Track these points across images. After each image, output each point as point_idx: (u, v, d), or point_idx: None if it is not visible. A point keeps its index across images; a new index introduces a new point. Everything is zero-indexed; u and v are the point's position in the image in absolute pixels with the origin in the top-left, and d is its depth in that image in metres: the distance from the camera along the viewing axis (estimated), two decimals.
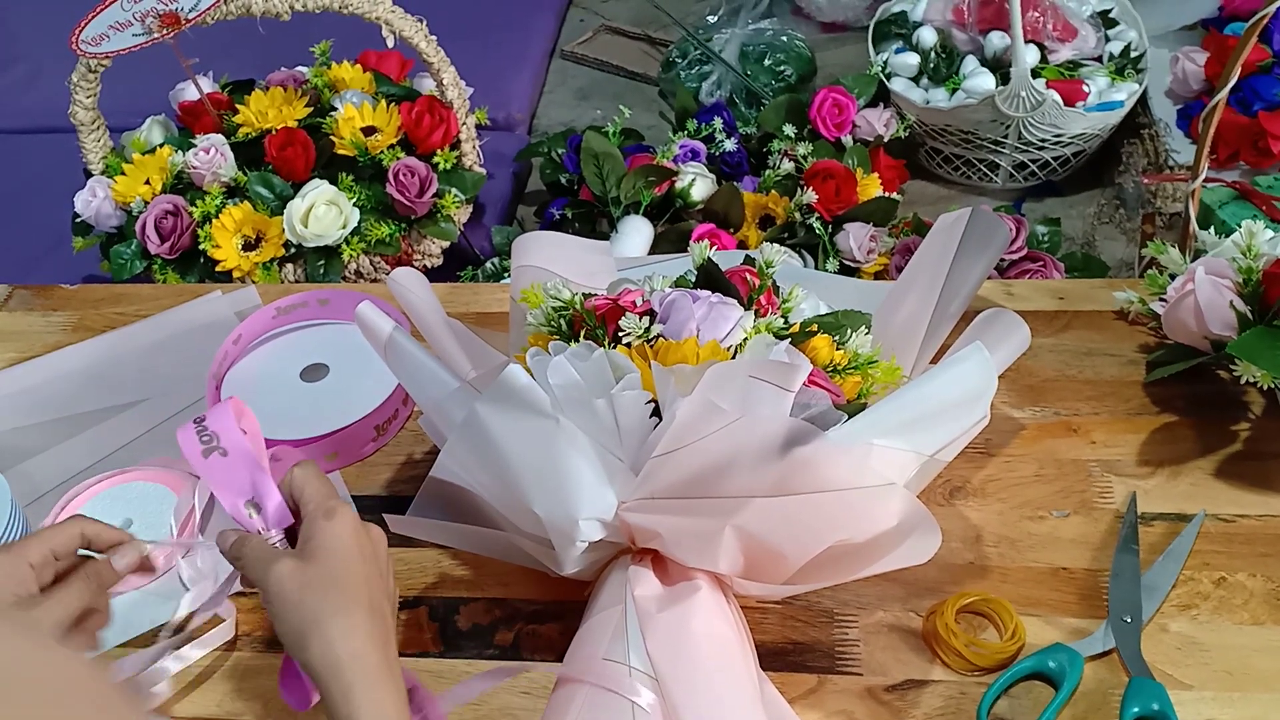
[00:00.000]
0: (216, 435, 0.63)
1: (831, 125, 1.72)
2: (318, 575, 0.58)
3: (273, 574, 0.58)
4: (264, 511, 0.62)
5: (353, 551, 0.59)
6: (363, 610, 0.57)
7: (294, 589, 0.57)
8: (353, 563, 0.59)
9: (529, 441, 0.69)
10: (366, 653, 0.56)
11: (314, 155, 1.50)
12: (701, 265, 0.77)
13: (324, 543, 0.59)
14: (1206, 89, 1.69)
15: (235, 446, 0.63)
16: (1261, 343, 0.82)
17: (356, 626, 0.57)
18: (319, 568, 0.58)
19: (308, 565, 0.58)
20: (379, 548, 0.62)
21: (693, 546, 0.69)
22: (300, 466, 0.63)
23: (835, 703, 0.73)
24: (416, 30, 1.48)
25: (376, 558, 0.61)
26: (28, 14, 2.30)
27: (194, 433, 0.63)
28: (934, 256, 0.86)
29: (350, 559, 0.59)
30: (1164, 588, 0.77)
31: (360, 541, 0.60)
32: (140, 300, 1.11)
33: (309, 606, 0.57)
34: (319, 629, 0.56)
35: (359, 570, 0.59)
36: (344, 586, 0.58)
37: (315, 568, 0.58)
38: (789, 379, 0.66)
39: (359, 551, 0.60)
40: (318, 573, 0.58)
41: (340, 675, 0.55)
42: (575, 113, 2.12)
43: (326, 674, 0.55)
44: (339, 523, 0.60)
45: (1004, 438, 0.88)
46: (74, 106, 1.49)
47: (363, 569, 0.59)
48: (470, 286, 1.11)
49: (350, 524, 0.60)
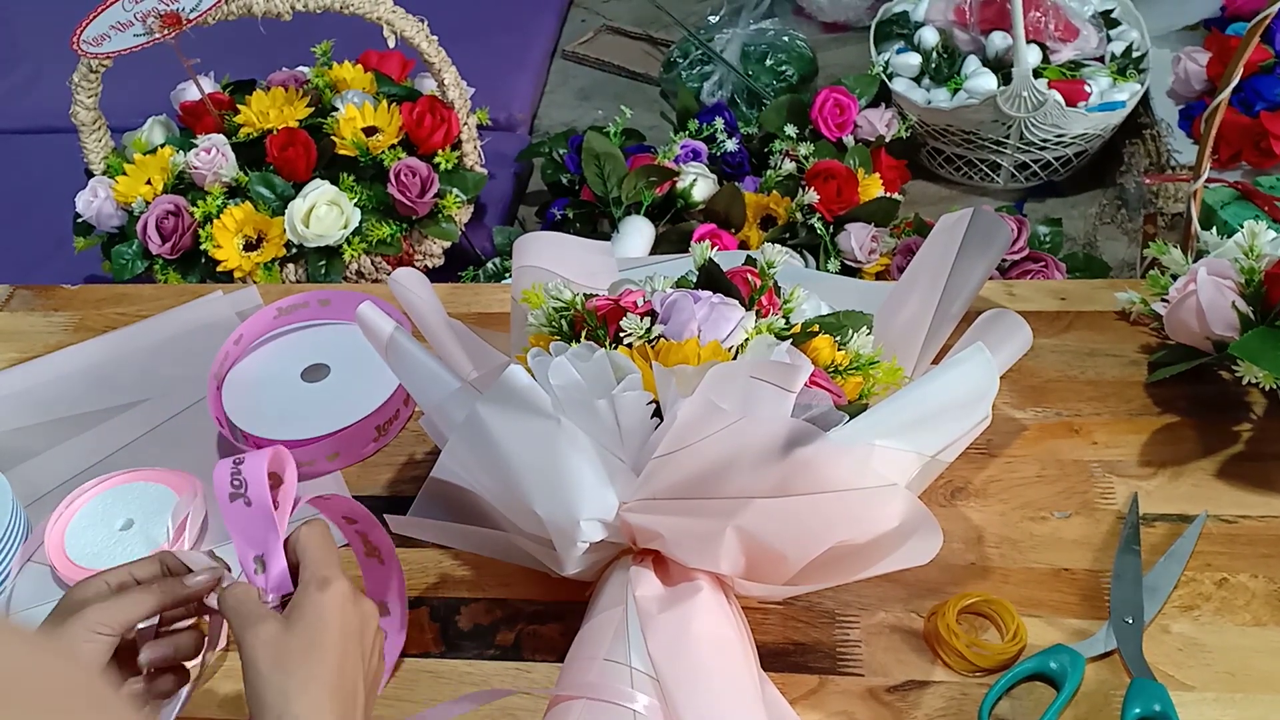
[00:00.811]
0: (246, 482, 0.63)
1: (833, 125, 1.72)
2: (295, 647, 0.57)
3: (251, 634, 0.57)
4: (268, 572, 0.62)
5: (335, 627, 0.58)
6: (328, 691, 0.56)
7: (268, 656, 0.56)
8: (332, 638, 0.58)
9: (530, 442, 0.69)
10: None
11: (315, 155, 1.50)
12: (703, 266, 0.77)
13: (308, 613, 0.58)
14: (1208, 89, 1.69)
15: (259, 500, 0.62)
16: (1263, 344, 0.82)
17: (320, 708, 0.55)
18: (298, 639, 0.57)
19: (288, 634, 0.57)
20: (367, 624, 0.61)
21: (694, 547, 0.69)
22: (309, 526, 0.62)
23: (836, 703, 0.73)
24: (418, 30, 1.48)
25: (362, 635, 0.60)
26: (29, 14, 2.30)
27: (228, 472, 0.63)
28: (936, 257, 0.86)
29: (331, 634, 0.58)
30: (1165, 589, 0.77)
31: (346, 617, 0.59)
32: (141, 300, 1.11)
33: (275, 682, 0.56)
34: (284, 705, 0.55)
35: (337, 647, 0.58)
36: (317, 662, 0.57)
37: (294, 639, 0.57)
38: (790, 380, 0.66)
39: (342, 628, 0.58)
40: (296, 644, 0.57)
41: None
42: (576, 113, 2.12)
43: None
44: (330, 595, 0.59)
45: (1005, 438, 0.88)
46: (75, 107, 1.50)
47: (342, 646, 0.58)
48: (471, 287, 1.11)
49: (340, 598, 0.59)
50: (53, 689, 0.36)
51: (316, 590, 0.59)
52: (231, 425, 0.94)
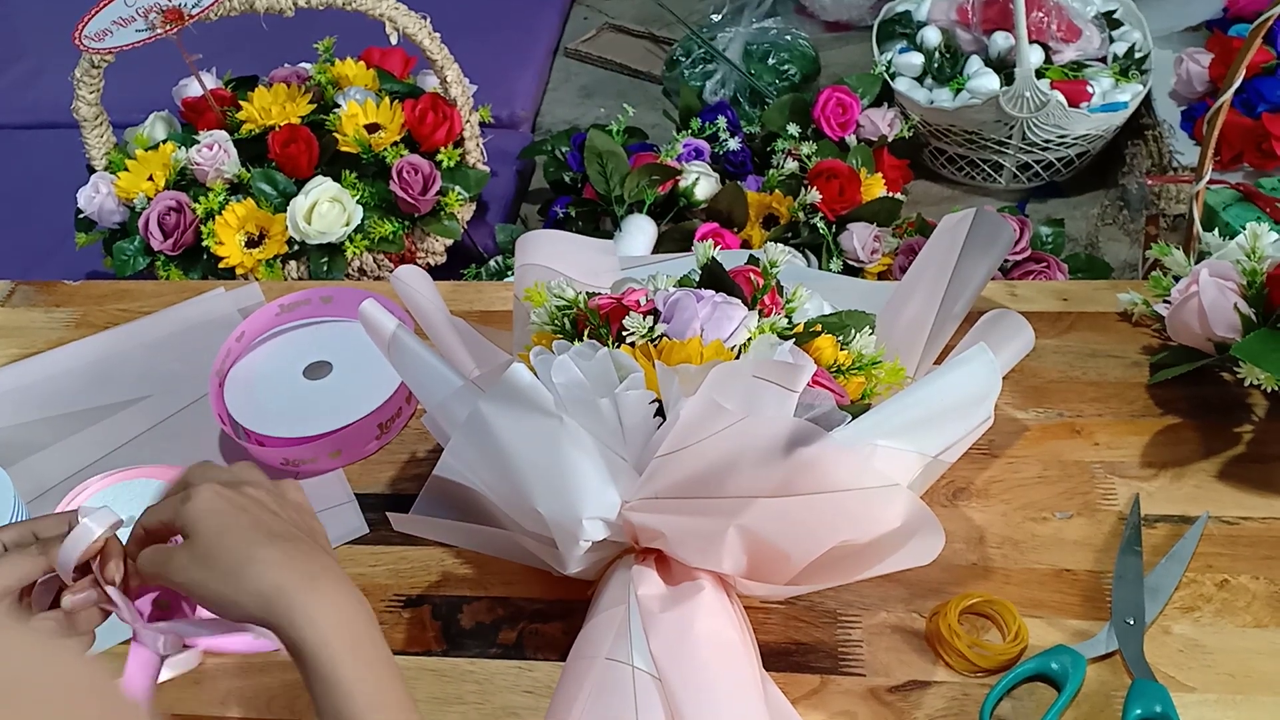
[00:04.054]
0: None
1: (835, 125, 1.71)
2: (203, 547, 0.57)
3: (170, 570, 0.58)
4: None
5: (224, 510, 0.58)
6: (264, 547, 0.56)
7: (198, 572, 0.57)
8: (228, 517, 0.58)
9: (533, 440, 0.69)
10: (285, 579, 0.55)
11: (317, 152, 1.50)
12: (706, 265, 0.77)
13: (191, 520, 0.58)
14: (1210, 91, 1.69)
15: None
16: (1265, 345, 0.82)
17: (267, 561, 0.56)
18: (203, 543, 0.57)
19: (193, 543, 0.58)
20: (248, 484, 0.61)
21: (696, 546, 0.69)
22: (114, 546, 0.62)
23: (838, 703, 0.73)
24: (420, 27, 1.48)
25: (259, 502, 0.60)
26: (31, 9, 2.30)
27: None
28: (938, 257, 0.86)
29: (224, 516, 0.58)
30: (1167, 590, 0.77)
31: (227, 499, 0.59)
32: (143, 297, 1.11)
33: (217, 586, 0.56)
34: (238, 578, 0.56)
35: (236, 522, 0.58)
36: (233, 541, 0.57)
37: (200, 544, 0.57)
38: (793, 379, 0.66)
39: (229, 506, 0.58)
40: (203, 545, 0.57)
41: (273, 610, 0.55)
42: (579, 111, 2.12)
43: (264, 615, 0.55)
44: (197, 498, 0.58)
45: (1007, 439, 0.88)
46: (77, 102, 1.49)
47: (240, 519, 0.58)
48: (473, 285, 1.11)
49: (208, 492, 0.59)
50: (64, 688, 0.36)
51: (182, 505, 0.58)
52: (233, 422, 0.94)
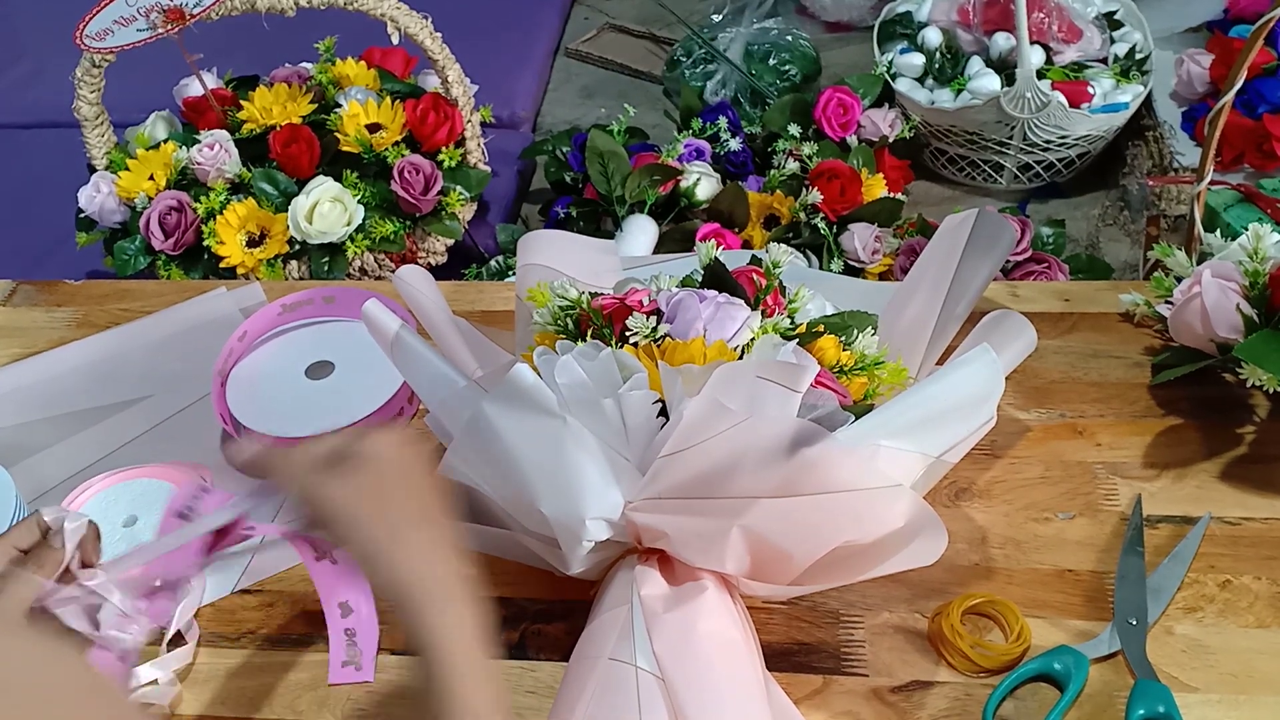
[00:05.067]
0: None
1: (836, 125, 1.71)
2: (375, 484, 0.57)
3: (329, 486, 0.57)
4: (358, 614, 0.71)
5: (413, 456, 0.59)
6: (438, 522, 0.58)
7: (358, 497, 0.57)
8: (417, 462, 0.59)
9: (536, 440, 0.69)
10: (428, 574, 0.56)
11: (318, 152, 1.50)
12: (708, 265, 0.77)
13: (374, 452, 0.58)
14: (1211, 91, 1.69)
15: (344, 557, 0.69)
16: (1267, 346, 0.82)
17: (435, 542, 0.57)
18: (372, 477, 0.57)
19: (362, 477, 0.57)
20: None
21: (699, 547, 0.69)
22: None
23: (841, 703, 0.73)
24: (421, 27, 1.48)
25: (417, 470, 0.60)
26: (32, 9, 2.30)
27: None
28: (940, 258, 0.86)
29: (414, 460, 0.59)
30: (1169, 590, 0.77)
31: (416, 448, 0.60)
32: (144, 296, 1.11)
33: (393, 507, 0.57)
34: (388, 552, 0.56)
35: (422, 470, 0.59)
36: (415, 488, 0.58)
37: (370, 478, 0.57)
38: (796, 380, 0.66)
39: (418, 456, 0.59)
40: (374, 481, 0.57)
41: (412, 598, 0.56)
42: (580, 111, 2.12)
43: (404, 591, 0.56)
44: (381, 435, 0.58)
45: (1010, 439, 0.88)
46: (78, 102, 1.49)
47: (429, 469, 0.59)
48: (475, 285, 1.11)
49: (395, 434, 0.59)
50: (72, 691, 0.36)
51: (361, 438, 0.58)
52: (235, 422, 0.94)
